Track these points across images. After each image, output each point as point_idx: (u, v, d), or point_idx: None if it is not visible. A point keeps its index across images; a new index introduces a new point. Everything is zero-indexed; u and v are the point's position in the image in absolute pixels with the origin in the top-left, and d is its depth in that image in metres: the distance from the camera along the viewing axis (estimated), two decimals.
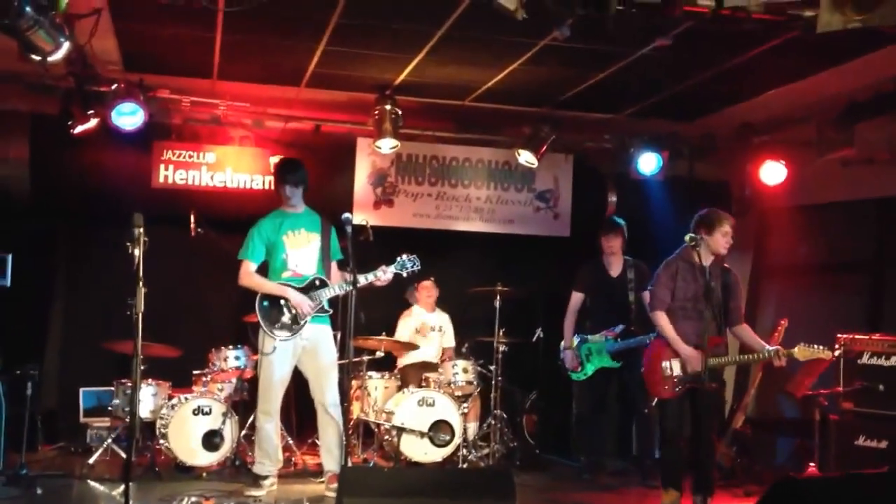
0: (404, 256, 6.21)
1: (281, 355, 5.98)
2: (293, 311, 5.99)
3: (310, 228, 6.20)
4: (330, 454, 6.09)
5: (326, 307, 6.13)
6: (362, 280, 5.93)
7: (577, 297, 7.28)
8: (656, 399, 5.98)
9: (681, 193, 8.13)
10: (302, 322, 5.98)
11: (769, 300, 8.63)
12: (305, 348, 6.07)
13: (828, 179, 7.81)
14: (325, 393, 6.07)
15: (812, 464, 6.55)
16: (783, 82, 6.76)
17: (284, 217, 6.17)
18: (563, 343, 7.25)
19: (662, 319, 5.75)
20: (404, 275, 6.26)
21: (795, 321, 6.93)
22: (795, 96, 7.03)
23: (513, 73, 6.75)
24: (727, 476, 6.87)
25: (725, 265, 5.55)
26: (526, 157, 7.89)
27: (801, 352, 5.52)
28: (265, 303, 6.00)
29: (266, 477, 6.06)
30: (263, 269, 6.15)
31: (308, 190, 6.25)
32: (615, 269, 7.22)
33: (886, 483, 4.74)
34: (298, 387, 6.44)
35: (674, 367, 5.69)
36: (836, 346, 6.69)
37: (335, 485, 5.49)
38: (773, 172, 7.89)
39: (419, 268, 6.27)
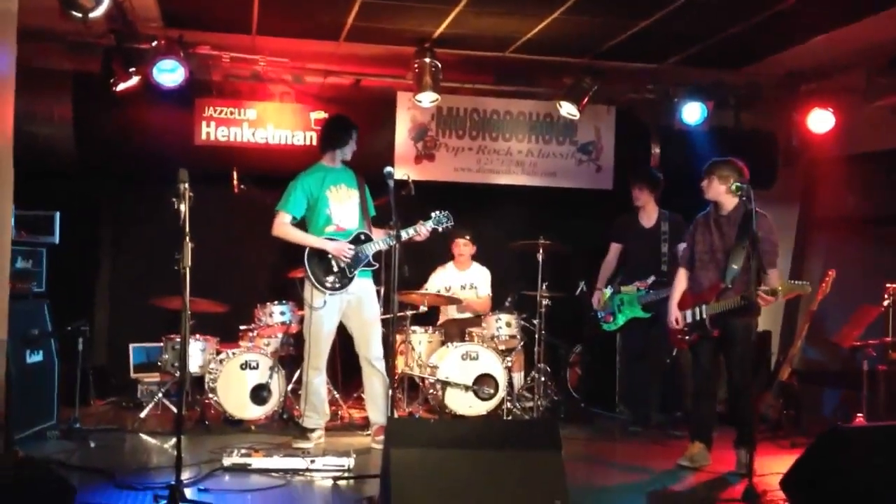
0: (438, 212, 6.22)
1: (329, 309, 6.02)
2: (341, 264, 6.01)
3: (350, 184, 6.21)
4: (376, 407, 6.15)
5: (372, 261, 6.15)
6: (403, 235, 5.93)
7: (611, 248, 7.34)
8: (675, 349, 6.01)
9: (726, 144, 7.95)
10: (350, 275, 6.02)
11: (817, 251, 8.50)
12: (350, 303, 6.11)
13: (877, 127, 7.64)
14: (370, 346, 6.12)
15: (860, 414, 6.50)
16: (830, 28, 6.59)
17: (327, 172, 6.17)
18: (595, 294, 7.31)
19: (677, 274, 5.99)
20: (440, 230, 6.26)
21: (844, 272, 6.83)
22: (843, 42, 6.85)
23: (553, 23, 6.64)
24: (773, 428, 6.84)
25: (758, 210, 5.34)
26: (567, 109, 7.80)
27: (783, 288, 5.49)
28: (314, 257, 6.03)
29: (314, 430, 6.14)
30: (303, 225, 6.16)
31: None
32: (647, 220, 7.21)
33: None
34: (343, 341, 6.50)
35: (686, 318, 5.79)
36: (885, 297, 6.60)
37: (381, 437, 5.54)
38: (820, 120, 7.76)
39: (452, 223, 6.28)
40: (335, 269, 6.04)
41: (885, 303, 6.58)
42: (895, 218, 7.96)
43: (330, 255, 6.02)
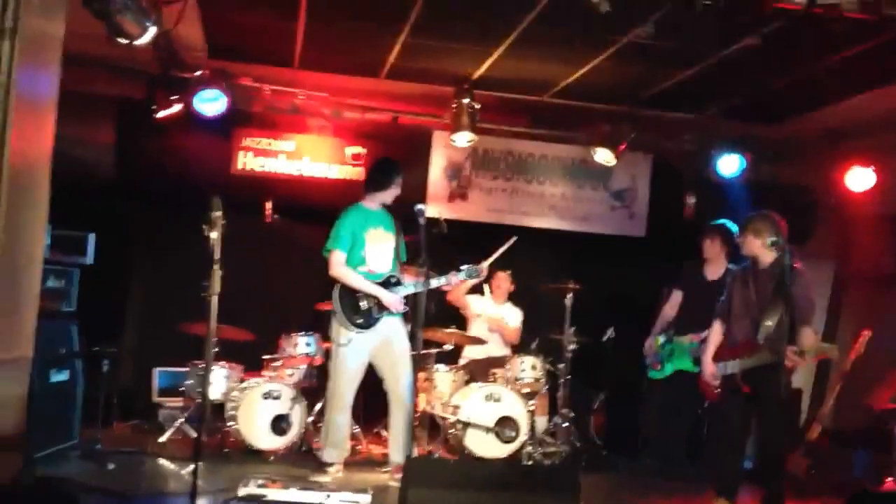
0: (470, 265, 6.27)
1: (354, 348, 6.02)
2: (370, 305, 6.02)
3: (387, 228, 6.22)
4: (397, 444, 6.11)
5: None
6: (433, 282, 5.94)
7: (673, 295, 7.20)
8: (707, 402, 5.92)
9: (763, 197, 7.91)
10: (379, 316, 6.02)
11: (852, 310, 8.37)
12: (379, 343, 6.11)
13: None
14: (399, 382, 6.09)
15: (890, 478, 6.35)
16: (873, 86, 6.54)
17: (367, 213, 6.20)
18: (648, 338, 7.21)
19: (713, 327, 5.89)
20: (469, 282, 6.29)
21: (879, 332, 6.71)
22: (885, 101, 6.78)
23: (593, 70, 6.67)
24: (801, 488, 6.69)
25: (795, 265, 5.36)
26: (603, 156, 7.79)
27: (810, 349, 5.41)
28: (345, 296, 6.05)
29: (332, 464, 6.10)
30: None
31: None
32: (712, 273, 7.03)
33: None
34: (367, 375, 6.46)
35: (718, 371, 5.70)
36: None
37: (400, 475, 5.53)
38: (860, 178, 7.69)
39: (483, 277, 6.34)
40: (364, 308, 6.04)
41: None
42: None
43: (360, 295, 6.02)
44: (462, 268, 6.29)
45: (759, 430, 5.68)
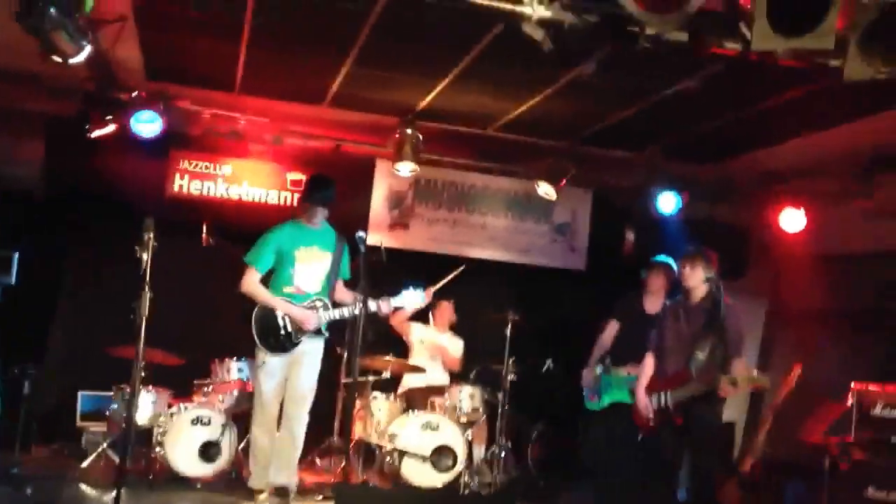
0: (409, 292, 6.18)
1: (269, 370, 5.91)
2: (290, 328, 5.91)
3: (323, 247, 6.11)
4: (276, 468, 5.94)
5: (324, 330, 6.04)
6: (371, 306, 5.87)
7: (610, 325, 7.19)
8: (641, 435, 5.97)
9: (699, 235, 8.03)
10: (297, 340, 5.91)
11: (784, 346, 8.53)
12: (297, 362, 5.98)
13: (848, 230, 7.74)
14: (295, 405, 5.95)
15: None
16: (807, 130, 6.70)
17: (301, 231, 6.08)
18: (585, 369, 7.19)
19: (645, 359, 5.98)
20: (407, 309, 6.24)
21: (810, 367, 6.84)
22: (819, 146, 6.96)
23: (537, 106, 6.72)
24: None
25: (725, 300, 5.53)
26: (545, 189, 7.85)
27: (742, 379, 5.46)
28: (263, 317, 5.93)
29: (261, 491, 5.95)
30: (265, 279, 6.05)
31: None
32: (651, 306, 7.03)
33: None
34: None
35: (651, 403, 5.79)
36: (850, 396, 6.62)
37: (264, 496, 5.76)
38: (792, 220, 7.86)
39: (427, 302, 6.29)
40: (282, 331, 5.93)
41: (850, 402, 6.58)
42: (862, 317, 8.04)
43: (280, 316, 5.90)
44: (400, 295, 6.20)
45: (691, 460, 5.71)
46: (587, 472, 7.27)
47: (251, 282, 5.94)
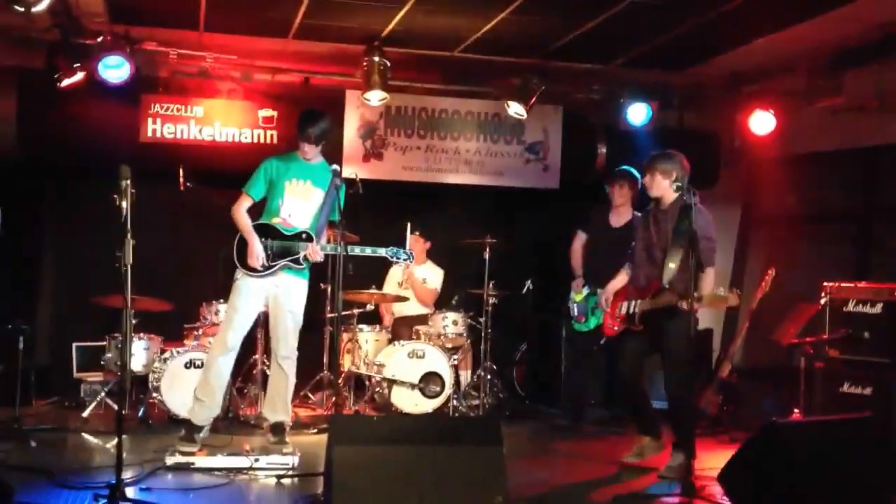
0: (397, 248, 6.11)
1: (247, 289, 5.80)
2: (269, 251, 5.82)
3: (316, 183, 5.94)
4: (271, 404, 5.94)
5: (301, 261, 5.95)
6: (356, 250, 5.88)
7: (577, 236, 7.29)
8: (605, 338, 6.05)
9: (670, 144, 8.04)
10: (272, 263, 5.79)
11: (758, 250, 8.67)
12: (276, 296, 5.88)
13: (817, 129, 7.83)
14: (279, 342, 5.89)
15: (796, 410, 6.65)
16: (772, 30, 6.73)
17: (296, 164, 5.93)
18: (573, 284, 7.25)
19: (622, 269, 5.94)
20: (393, 262, 6.27)
21: (784, 271, 6.97)
22: (784, 44, 7.00)
23: (501, 23, 6.70)
24: (713, 424, 6.96)
25: (695, 204, 5.18)
26: (515, 109, 7.85)
27: (705, 297, 5.37)
28: (242, 238, 5.85)
29: (201, 428, 5.75)
30: (260, 206, 5.96)
31: (328, 144, 6.09)
32: (617, 219, 7.11)
33: (864, 426, 4.84)
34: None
35: (619, 309, 5.79)
36: (822, 295, 6.75)
37: (269, 435, 5.77)
38: (761, 122, 7.89)
39: (411, 261, 6.27)
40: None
41: (822, 301, 6.73)
42: (834, 217, 8.18)
43: (262, 242, 5.78)
44: (391, 249, 6.17)
45: (665, 376, 5.69)
46: (573, 389, 7.46)
47: (237, 208, 5.85)
